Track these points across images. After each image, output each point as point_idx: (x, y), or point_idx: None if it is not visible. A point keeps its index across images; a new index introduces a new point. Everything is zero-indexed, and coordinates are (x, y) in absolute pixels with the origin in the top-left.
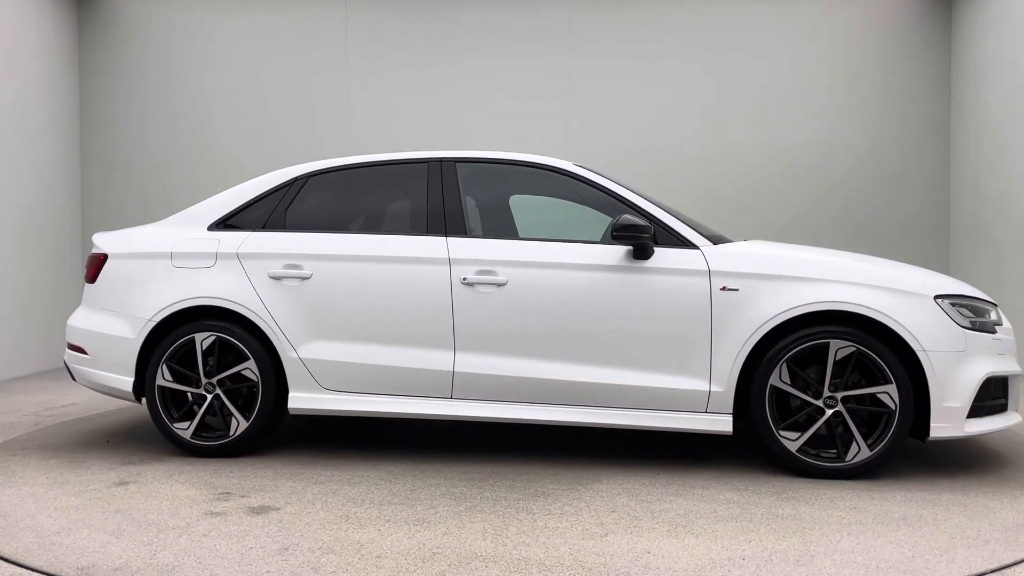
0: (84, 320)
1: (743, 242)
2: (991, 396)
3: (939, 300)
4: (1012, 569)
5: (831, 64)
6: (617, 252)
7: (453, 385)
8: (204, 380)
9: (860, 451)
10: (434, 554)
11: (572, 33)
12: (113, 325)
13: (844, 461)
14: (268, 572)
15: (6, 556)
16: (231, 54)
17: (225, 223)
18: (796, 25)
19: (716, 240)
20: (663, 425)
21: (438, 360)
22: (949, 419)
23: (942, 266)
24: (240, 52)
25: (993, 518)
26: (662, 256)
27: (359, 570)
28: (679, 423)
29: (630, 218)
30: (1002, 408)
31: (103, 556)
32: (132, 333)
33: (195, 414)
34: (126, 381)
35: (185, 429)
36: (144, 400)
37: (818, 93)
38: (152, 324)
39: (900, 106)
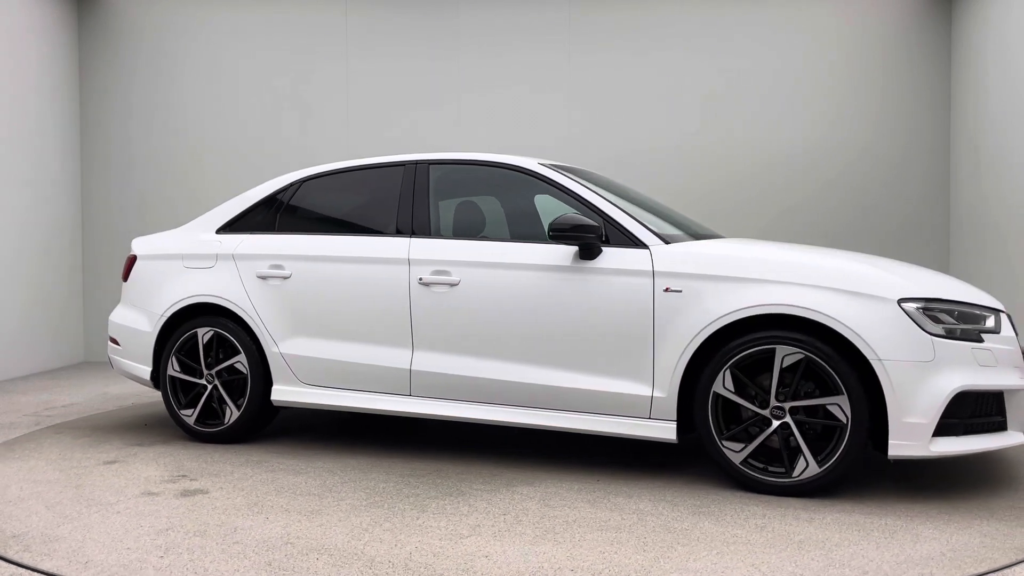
0: (118, 315)
1: (702, 240)
2: (978, 413)
3: (904, 304)
4: (1012, 569)
5: (831, 63)
6: (566, 252)
7: (411, 383)
8: (205, 372)
9: (808, 467)
10: (286, 543)
11: (572, 31)
12: (137, 319)
13: (791, 477)
14: (128, 549)
15: None
16: (231, 54)
17: (231, 226)
18: (796, 24)
19: (698, 236)
20: (605, 430)
21: (398, 358)
22: (911, 436)
23: (942, 265)
24: (240, 52)
25: (908, 549)
26: (609, 256)
27: (205, 552)
28: (622, 428)
29: (572, 217)
30: (998, 426)
31: (18, 524)
32: (149, 327)
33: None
34: (146, 370)
35: (190, 416)
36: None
37: (818, 92)
38: (164, 319)
39: (900, 105)
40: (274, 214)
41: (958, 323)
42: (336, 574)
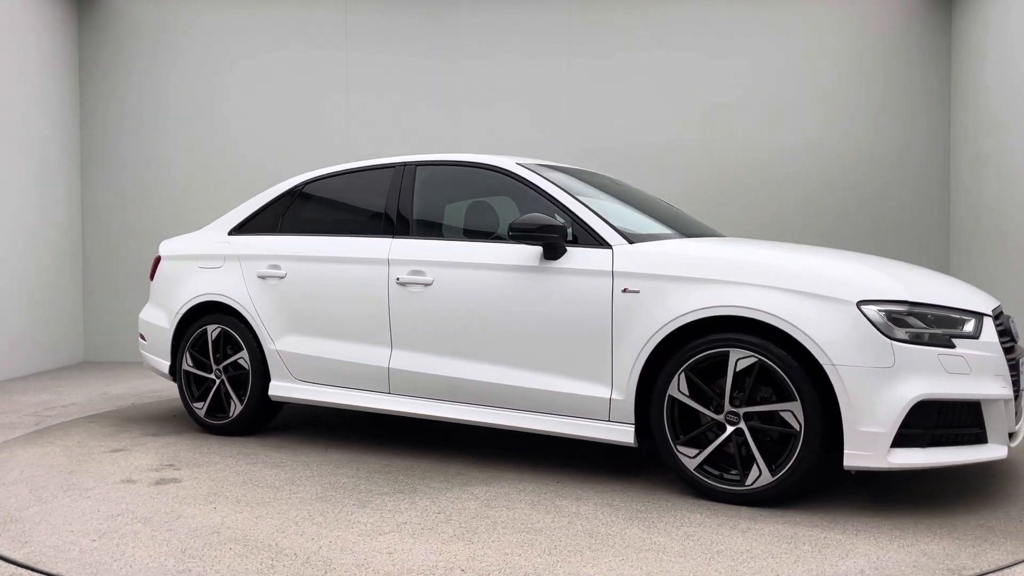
0: (145, 312)
1: (672, 240)
2: (950, 423)
3: (864, 306)
4: (1012, 569)
5: (831, 63)
6: (532, 252)
7: (390, 381)
8: (214, 367)
9: (761, 475)
10: (214, 532)
11: (572, 31)
12: (159, 316)
13: (744, 485)
14: (70, 531)
15: None
16: (231, 54)
17: (241, 228)
18: (796, 24)
19: (692, 235)
20: (565, 431)
21: (377, 356)
22: (868, 446)
23: (942, 265)
24: (240, 52)
25: (828, 564)
26: (572, 256)
27: (136, 537)
28: (581, 430)
29: (536, 217)
30: (976, 438)
31: None
32: (167, 323)
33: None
34: (165, 364)
35: (200, 408)
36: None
37: (819, 92)
38: (179, 316)
39: (900, 105)
40: (278, 216)
41: (927, 327)
42: (239, 563)
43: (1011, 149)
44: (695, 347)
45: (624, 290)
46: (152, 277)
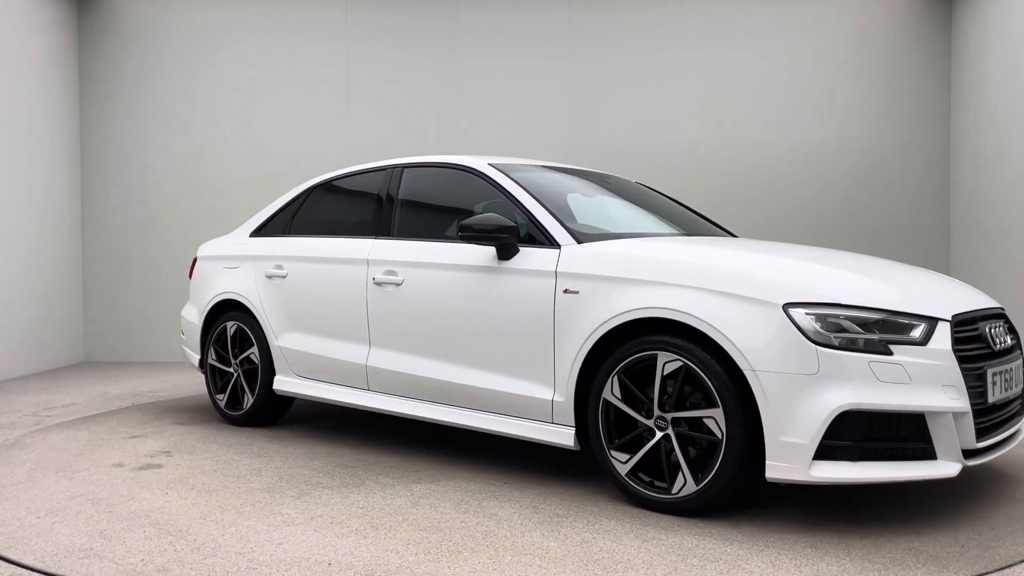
0: (185, 310)
1: (619, 239)
2: (887, 436)
3: (791, 309)
4: (1012, 569)
5: (831, 64)
6: (489, 252)
7: (368, 378)
8: (233, 361)
9: (686, 484)
10: (145, 516)
11: (572, 32)
12: (192, 313)
13: (671, 493)
14: (27, 509)
15: None
16: (231, 54)
17: (260, 231)
18: (796, 25)
19: (690, 233)
20: (511, 432)
21: (357, 354)
22: (789, 458)
23: (942, 265)
24: (240, 52)
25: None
26: (523, 256)
27: (77, 517)
28: (525, 431)
29: (491, 218)
30: (921, 453)
31: None
32: (197, 320)
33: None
34: (196, 358)
35: (221, 400)
36: None
37: (818, 93)
38: (205, 313)
39: (900, 106)
40: (290, 218)
41: (863, 332)
42: (139, 545)
43: (1011, 149)
44: (627, 350)
45: (565, 291)
46: (191, 277)
